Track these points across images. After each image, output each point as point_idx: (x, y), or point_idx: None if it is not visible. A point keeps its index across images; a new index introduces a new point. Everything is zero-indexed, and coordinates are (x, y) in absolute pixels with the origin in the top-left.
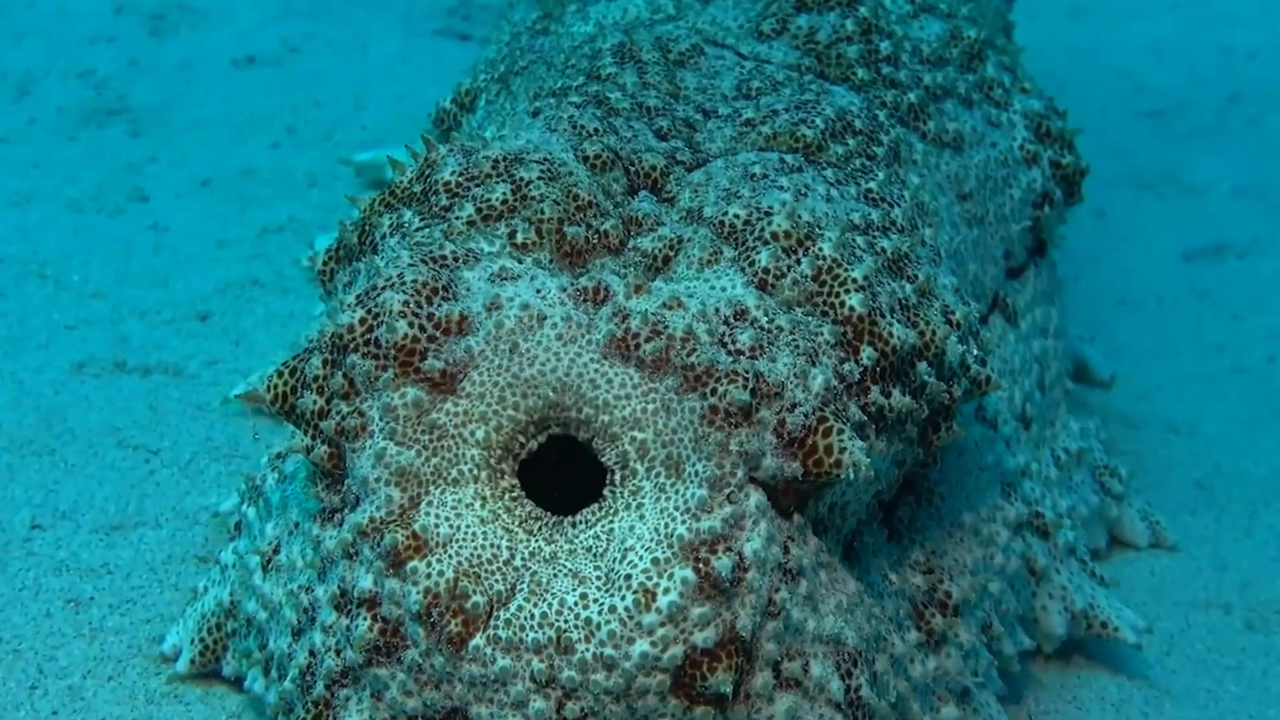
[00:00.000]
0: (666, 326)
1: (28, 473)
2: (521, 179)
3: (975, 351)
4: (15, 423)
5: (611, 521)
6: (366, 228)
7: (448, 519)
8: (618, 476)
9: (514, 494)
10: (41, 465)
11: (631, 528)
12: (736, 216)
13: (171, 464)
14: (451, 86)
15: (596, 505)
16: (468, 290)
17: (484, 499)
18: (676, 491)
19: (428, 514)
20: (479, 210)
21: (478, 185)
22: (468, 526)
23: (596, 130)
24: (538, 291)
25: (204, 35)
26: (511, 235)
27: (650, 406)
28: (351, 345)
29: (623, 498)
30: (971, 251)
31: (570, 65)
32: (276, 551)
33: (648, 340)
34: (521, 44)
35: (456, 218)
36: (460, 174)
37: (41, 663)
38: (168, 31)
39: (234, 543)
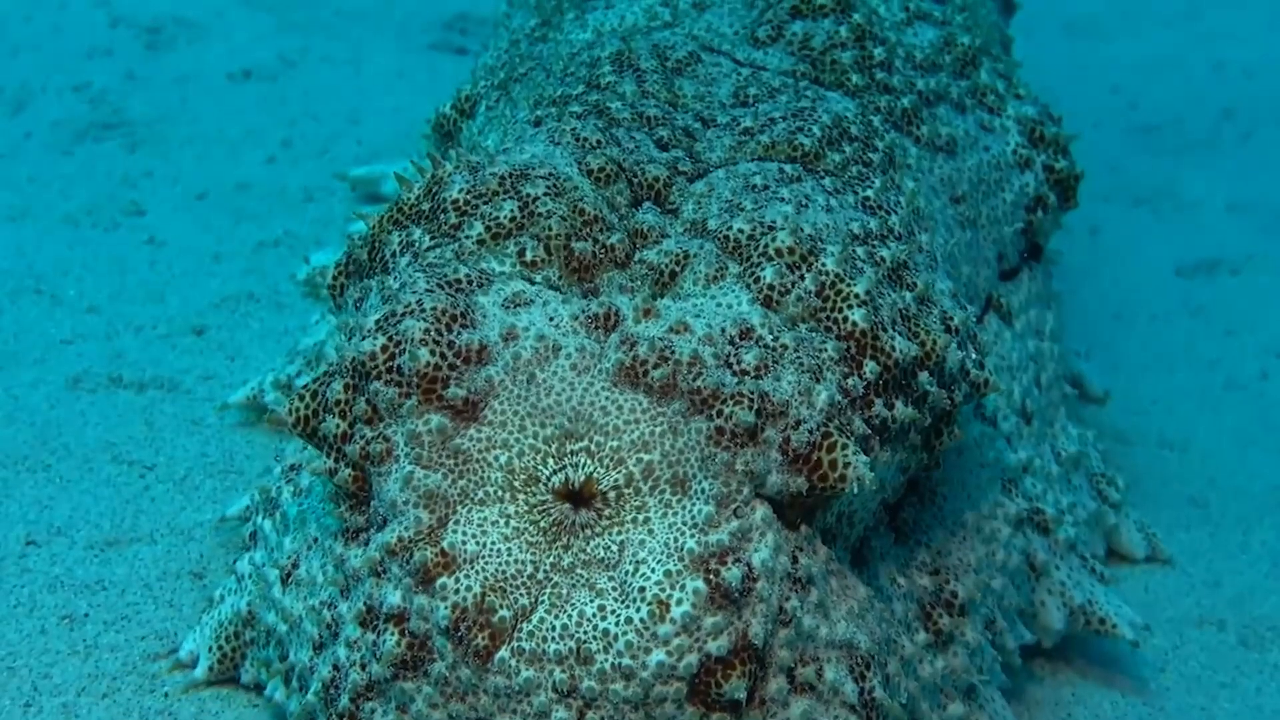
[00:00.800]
0: (673, 352)
1: (22, 489)
2: (528, 195)
3: (974, 355)
4: (10, 438)
5: (621, 534)
6: (376, 244)
7: (474, 536)
8: (611, 496)
9: (541, 508)
10: (36, 481)
11: (642, 542)
12: (740, 231)
13: (167, 479)
14: (449, 99)
15: (596, 513)
16: (484, 317)
17: (509, 516)
18: (684, 508)
19: (455, 532)
20: (488, 229)
21: (485, 203)
22: (493, 543)
23: (599, 142)
24: (551, 319)
25: (200, 49)
26: (521, 253)
27: (658, 429)
28: (374, 372)
29: (628, 512)
30: (965, 253)
31: (569, 73)
32: (296, 566)
33: (655, 367)
34: (521, 51)
35: (466, 236)
36: (468, 191)
37: (36, 680)
38: (164, 46)
39: (250, 554)
